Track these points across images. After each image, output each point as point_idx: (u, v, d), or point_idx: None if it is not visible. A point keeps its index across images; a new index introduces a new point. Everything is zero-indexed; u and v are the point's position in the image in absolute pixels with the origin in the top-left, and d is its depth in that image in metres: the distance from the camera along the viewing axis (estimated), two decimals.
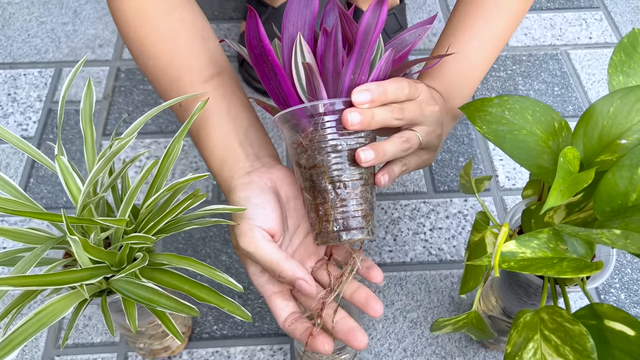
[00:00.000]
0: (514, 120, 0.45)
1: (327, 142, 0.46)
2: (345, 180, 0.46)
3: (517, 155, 0.44)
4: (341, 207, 0.46)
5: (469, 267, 0.45)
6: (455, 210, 0.75)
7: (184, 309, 0.39)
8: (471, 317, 0.44)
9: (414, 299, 0.68)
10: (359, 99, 0.45)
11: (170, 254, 0.45)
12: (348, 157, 0.46)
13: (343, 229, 0.46)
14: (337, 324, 0.46)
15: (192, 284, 0.44)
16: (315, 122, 0.46)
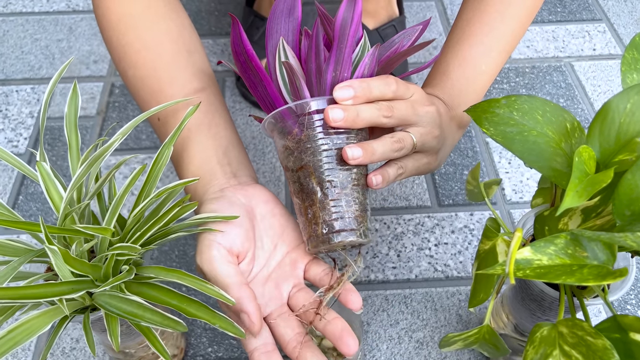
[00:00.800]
0: (523, 122, 0.43)
1: (314, 142, 0.44)
2: (333, 180, 0.44)
3: (528, 157, 0.41)
4: (330, 209, 0.44)
5: (479, 277, 0.42)
6: (461, 224, 0.72)
7: (170, 324, 0.36)
8: (483, 332, 0.41)
9: (420, 317, 0.64)
10: (340, 95, 0.43)
11: (158, 267, 0.42)
12: (336, 157, 0.44)
13: (333, 231, 0.44)
14: (328, 325, 0.43)
15: (182, 299, 0.40)
16: (300, 123, 0.45)
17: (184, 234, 0.44)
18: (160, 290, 0.41)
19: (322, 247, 0.44)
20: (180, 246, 0.69)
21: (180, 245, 0.69)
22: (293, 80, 0.45)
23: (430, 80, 0.56)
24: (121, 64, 0.52)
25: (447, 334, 0.42)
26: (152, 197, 0.40)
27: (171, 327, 0.35)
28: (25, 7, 0.99)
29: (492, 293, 0.41)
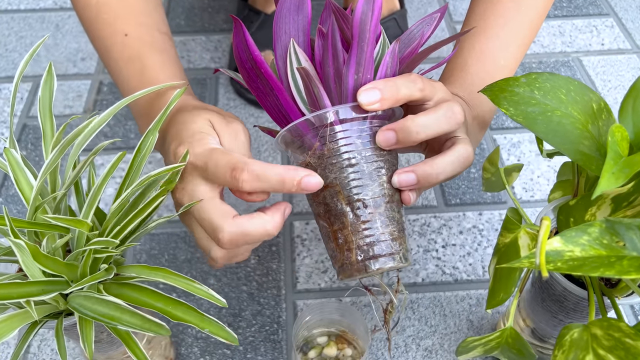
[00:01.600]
0: (545, 101, 0.39)
1: (339, 155, 0.40)
2: (365, 199, 0.39)
3: (553, 139, 0.37)
4: (364, 231, 0.39)
5: (498, 274, 0.38)
6: (470, 224, 0.67)
7: (151, 327, 0.31)
8: (506, 335, 0.36)
9: (428, 324, 0.59)
10: (367, 100, 0.39)
11: (141, 265, 0.37)
12: (366, 170, 0.40)
13: (369, 257, 0.39)
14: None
15: (167, 301, 0.36)
16: (322, 136, 0.40)
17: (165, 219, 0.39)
18: (142, 291, 0.37)
19: (357, 275, 0.40)
20: (170, 250, 0.65)
21: (170, 249, 0.65)
22: (310, 87, 0.40)
23: (447, 77, 0.52)
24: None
25: (466, 339, 0.37)
26: (135, 186, 0.36)
27: (152, 330, 0.31)
28: (10, 4, 0.95)
29: (515, 291, 0.37)
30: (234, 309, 0.60)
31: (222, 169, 0.38)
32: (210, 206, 0.39)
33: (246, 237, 0.39)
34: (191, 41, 0.89)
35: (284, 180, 0.38)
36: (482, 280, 0.63)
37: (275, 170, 0.38)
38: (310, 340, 0.54)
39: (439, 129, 0.39)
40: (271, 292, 0.62)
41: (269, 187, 0.38)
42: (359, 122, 0.40)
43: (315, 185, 0.38)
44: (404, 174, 0.40)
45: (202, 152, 0.40)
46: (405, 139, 0.39)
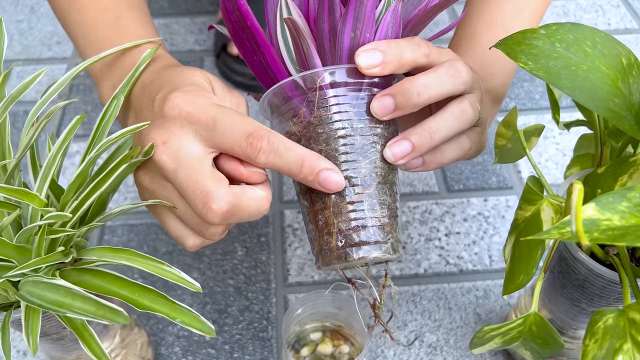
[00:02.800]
0: (568, 54, 0.34)
1: (327, 125, 0.35)
2: (352, 177, 0.34)
3: (580, 96, 0.32)
4: (348, 214, 0.34)
5: (518, 253, 0.33)
6: (474, 211, 0.62)
7: (105, 314, 0.26)
8: (529, 323, 0.31)
9: (432, 318, 0.54)
10: (365, 62, 0.34)
11: (103, 247, 0.32)
12: (357, 144, 0.35)
13: (352, 244, 0.34)
14: None
15: (133, 288, 0.31)
16: (309, 100, 0.35)
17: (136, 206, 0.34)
18: (105, 277, 0.32)
19: (336, 264, 0.35)
20: (149, 241, 0.59)
21: (150, 240, 0.60)
22: (299, 43, 0.35)
23: (454, 49, 0.47)
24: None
25: (482, 328, 0.32)
26: (99, 149, 0.31)
27: (107, 318, 0.26)
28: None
29: (540, 272, 0.32)
30: (219, 305, 0.55)
31: (238, 130, 0.32)
32: (204, 169, 0.33)
33: (240, 212, 0.33)
34: (174, 24, 0.84)
35: (303, 162, 0.32)
36: (489, 270, 0.58)
37: (298, 149, 0.33)
38: (303, 336, 0.49)
39: (442, 89, 0.34)
40: (260, 286, 0.56)
41: (283, 166, 0.33)
42: (354, 88, 0.36)
43: (335, 184, 0.33)
44: (395, 144, 0.35)
45: (208, 105, 0.33)
46: (404, 104, 0.34)
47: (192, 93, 0.34)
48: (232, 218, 0.33)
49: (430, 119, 0.35)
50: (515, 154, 0.37)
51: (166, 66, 0.40)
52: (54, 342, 0.39)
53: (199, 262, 0.58)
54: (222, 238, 0.59)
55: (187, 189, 0.32)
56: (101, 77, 0.42)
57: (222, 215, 0.32)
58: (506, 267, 0.34)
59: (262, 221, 0.61)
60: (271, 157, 0.32)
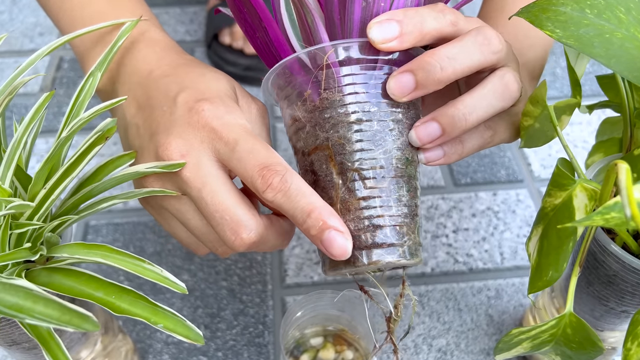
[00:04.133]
0: (600, 22, 0.30)
1: (336, 109, 0.30)
2: (363, 169, 0.30)
3: (616, 66, 0.28)
4: (358, 211, 0.30)
5: (546, 246, 0.29)
6: (483, 206, 0.59)
7: (71, 320, 0.22)
8: (564, 324, 0.27)
9: (440, 320, 0.51)
10: (380, 35, 0.29)
11: (76, 243, 0.28)
12: (370, 131, 0.30)
13: (361, 247, 0.30)
14: None
15: (110, 289, 0.27)
16: (315, 81, 0.31)
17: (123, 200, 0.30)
18: (79, 277, 0.28)
19: (344, 269, 0.31)
20: (136, 241, 0.55)
21: (136, 240, 0.55)
22: (303, 15, 0.31)
23: (484, 20, 0.43)
24: None
25: (510, 331, 0.29)
26: (71, 129, 0.27)
27: (73, 324, 0.22)
28: None
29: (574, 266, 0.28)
30: (212, 308, 0.51)
31: (255, 159, 0.30)
32: (230, 192, 0.31)
33: (266, 244, 0.32)
34: (164, 14, 0.80)
35: (311, 213, 0.29)
36: (501, 268, 0.54)
37: (311, 197, 0.29)
38: (303, 341, 0.45)
39: (470, 60, 0.30)
40: (255, 288, 0.52)
41: (289, 209, 0.29)
42: (368, 65, 0.31)
43: (339, 250, 0.28)
44: (422, 126, 0.31)
45: (234, 124, 0.31)
46: (426, 80, 0.30)
47: (222, 108, 0.31)
48: (256, 248, 0.32)
49: (465, 95, 0.31)
50: (544, 136, 0.33)
51: (181, 61, 0.36)
52: (27, 352, 0.35)
53: (189, 263, 0.54)
54: None
55: (215, 213, 0.30)
56: (90, 57, 0.38)
57: (249, 245, 0.31)
58: (532, 262, 0.30)
59: None
60: (279, 196, 0.29)
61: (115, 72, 0.37)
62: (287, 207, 0.29)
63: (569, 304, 0.28)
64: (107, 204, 0.29)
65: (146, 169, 0.29)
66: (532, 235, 0.32)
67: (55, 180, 0.27)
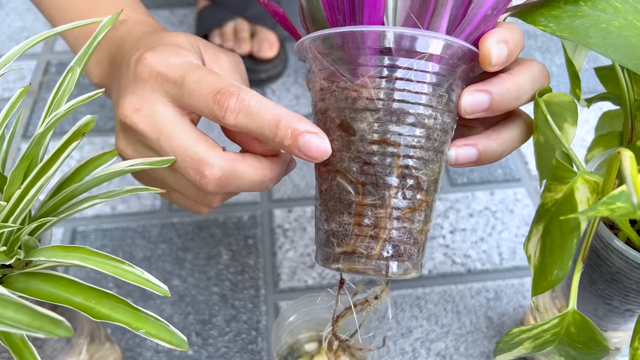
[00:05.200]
0: (595, 12, 0.29)
1: (413, 106, 0.28)
2: (421, 177, 0.28)
3: (614, 54, 0.27)
4: (406, 221, 0.28)
5: (549, 244, 0.27)
6: (481, 206, 0.57)
7: (43, 326, 0.20)
8: (567, 323, 0.26)
9: (439, 323, 0.49)
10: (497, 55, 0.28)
11: (54, 246, 0.27)
12: (437, 139, 0.29)
13: (395, 256, 0.28)
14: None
15: (89, 293, 0.25)
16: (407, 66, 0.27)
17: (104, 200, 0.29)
18: (57, 282, 0.26)
19: (368, 273, 0.29)
20: (125, 247, 0.54)
21: (125, 245, 0.54)
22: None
23: None
24: None
25: (510, 330, 0.27)
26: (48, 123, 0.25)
27: (45, 330, 0.20)
28: None
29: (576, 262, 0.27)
30: (203, 315, 0.49)
31: (206, 88, 0.29)
32: (188, 133, 0.30)
33: (237, 180, 0.30)
34: (154, 16, 0.78)
35: (278, 123, 0.27)
36: (500, 269, 0.53)
37: (274, 109, 0.28)
38: (297, 347, 0.43)
39: (531, 95, 0.30)
40: (248, 293, 0.51)
41: (255, 128, 0.28)
42: (446, 68, 0.28)
43: (317, 151, 0.28)
44: (464, 148, 0.30)
45: (180, 63, 0.30)
46: (499, 106, 0.29)
47: (166, 52, 0.31)
48: (229, 186, 0.30)
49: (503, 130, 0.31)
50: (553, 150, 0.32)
51: (150, 31, 0.37)
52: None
53: (179, 268, 0.53)
54: (206, 241, 0.54)
55: (177, 158, 0.30)
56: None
57: (216, 182, 0.30)
58: (533, 263, 0.29)
59: (249, 222, 0.56)
60: (241, 117, 0.28)
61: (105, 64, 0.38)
62: (253, 126, 0.28)
63: (572, 301, 0.26)
64: (88, 204, 0.28)
65: (130, 167, 0.28)
66: (532, 235, 0.31)
67: (31, 179, 0.25)
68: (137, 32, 0.37)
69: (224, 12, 0.68)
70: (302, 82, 0.69)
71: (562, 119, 0.31)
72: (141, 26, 0.38)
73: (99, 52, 0.38)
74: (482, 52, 0.28)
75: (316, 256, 0.31)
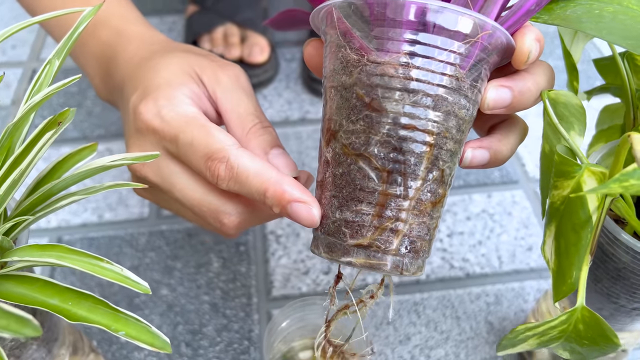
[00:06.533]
0: (588, 1, 0.28)
1: (452, 93, 0.26)
2: (445, 171, 0.27)
3: (608, 35, 0.26)
4: (424, 216, 0.27)
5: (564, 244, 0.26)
6: (478, 209, 0.56)
7: (10, 325, 0.18)
8: (574, 320, 0.25)
9: (438, 329, 0.47)
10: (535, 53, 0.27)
11: (29, 245, 0.25)
12: (461, 132, 0.27)
13: (412, 252, 0.27)
14: None
15: (66, 295, 0.24)
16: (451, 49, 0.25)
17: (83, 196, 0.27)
18: (32, 284, 0.25)
19: (384, 270, 0.27)
20: (112, 255, 0.52)
21: (112, 254, 0.52)
22: None
23: None
24: None
25: (515, 328, 0.26)
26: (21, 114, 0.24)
27: (12, 330, 0.18)
28: None
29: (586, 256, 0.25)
30: (193, 324, 0.47)
31: (197, 153, 0.30)
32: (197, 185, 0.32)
33: (254, 220, 0.33)
34: None
35: (266, 192, 0.28)
36: (499, 273, 0.51)
37: (261, 175, 0.28)
38: (290, 356, 0.41)
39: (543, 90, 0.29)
40: (240, 302, 0.49)
41: (247, 193, 0.29)
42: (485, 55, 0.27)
43: (306, 220, 0.27)
44: (479, 150, 0.29)
45: (174, 118, 0.31)
46: (517, 104, 0.28)
47: (160, 101, 0.31)
48: (248, 226, 0.33)
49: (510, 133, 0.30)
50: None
51: (145, 55, 0.36)
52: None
53: (168, 277, 0.51)
54: (196, 248, 0.52)
55: (193, 207, 0.32)
56: (80, 55, 0.40)
57: (236, 227, 0.32)
58: (551, 266, 0.27)
59: None
60: (232, 184, 0.29)
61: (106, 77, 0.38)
62: (244, 192, 0.29)
63: (580, 297, 0.25)
64: (67, 201, 0.26)
65: (111, 162, 0.26)
66: (546, 237, 0.29)
67: (4, 171, 0.24)
68: (131, 52, 0.36)
69: (214, 17, 0.67)
70: (293, 87, 0.68)
71: (569, 126, 0.30)
72: (135, 43, 0.37)
73: (94, 66, 0.39)
74: (521, 47, 0.27)
75: (316, 246, 0.28)
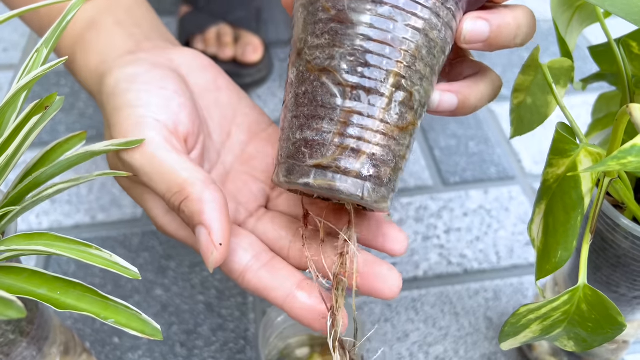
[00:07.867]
0: None
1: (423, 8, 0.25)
2: (414, 94, 0.26)
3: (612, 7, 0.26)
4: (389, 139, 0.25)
5: (552, 223, 0.25)
6: (475, 205, 0.56)
7: None
8: (577, 299, 0.24)
9: (436, 326, 0.47)
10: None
11: (17, 235, 0.24)
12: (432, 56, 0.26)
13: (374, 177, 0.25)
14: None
15: (55, 284, 0.23)
16: None
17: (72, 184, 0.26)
18: (19, 274, 0.24)
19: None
20: None
21: None
22: None
23: None
24: None
25: (517, 310, 0.25)
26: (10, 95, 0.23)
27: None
28: None
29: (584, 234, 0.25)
30: (188, 325, 0.47)
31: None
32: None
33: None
34: None
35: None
36: (497, 268, 0.51)
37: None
38: (287, 353, 0.40)
39: (526, 37, 0.28)
40: (235, 301, 0.48)
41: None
42: None
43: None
44: (447, 94, 0.27)
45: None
46: (495, 41, 0.27)
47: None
48: None
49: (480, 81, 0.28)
50: (537, 113, 0.30)
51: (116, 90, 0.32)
52: None
53: (162, 277, 0.50)
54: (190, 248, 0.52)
55: None
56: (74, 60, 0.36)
57: None
58: (537, 245, 0.27)
59: None
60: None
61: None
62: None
63: (582, 274, 0.24)
64: (54, 189, 0.25)
65: (101, 148, 0.26)
66: (535, 215, 0.29)
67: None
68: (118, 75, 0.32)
69: (206, 17, 0.67)
70: None
71: (556, 81, 0.30)
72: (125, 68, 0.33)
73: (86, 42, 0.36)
74: None
75: (276, 175, 0.27)
